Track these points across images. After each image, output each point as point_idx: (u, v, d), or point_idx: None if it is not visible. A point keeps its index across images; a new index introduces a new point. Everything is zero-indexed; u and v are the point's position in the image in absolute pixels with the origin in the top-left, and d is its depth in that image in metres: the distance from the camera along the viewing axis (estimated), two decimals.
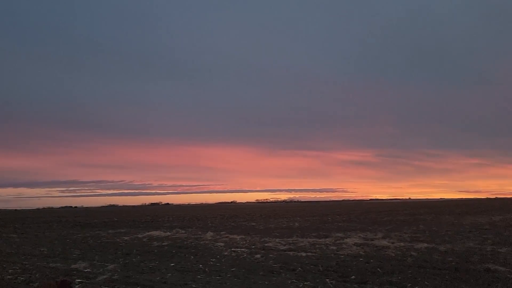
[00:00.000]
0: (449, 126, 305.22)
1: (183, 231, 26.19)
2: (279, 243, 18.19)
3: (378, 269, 11.64)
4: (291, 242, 18.55)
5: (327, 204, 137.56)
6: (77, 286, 10.32)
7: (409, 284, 9.65)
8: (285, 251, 15.89)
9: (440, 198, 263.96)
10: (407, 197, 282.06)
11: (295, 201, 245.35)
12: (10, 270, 13.12)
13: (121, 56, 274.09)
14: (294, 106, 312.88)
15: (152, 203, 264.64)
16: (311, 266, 12.29)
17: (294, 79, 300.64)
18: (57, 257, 15.90)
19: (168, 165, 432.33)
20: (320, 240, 19.20)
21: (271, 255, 14.66)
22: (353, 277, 10.66)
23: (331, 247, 16.55)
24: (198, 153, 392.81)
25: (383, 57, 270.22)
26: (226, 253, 15.39)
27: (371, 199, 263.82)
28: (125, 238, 23.12)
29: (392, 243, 17.41)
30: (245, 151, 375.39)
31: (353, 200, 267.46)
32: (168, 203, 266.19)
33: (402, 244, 17.08)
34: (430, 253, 14.36)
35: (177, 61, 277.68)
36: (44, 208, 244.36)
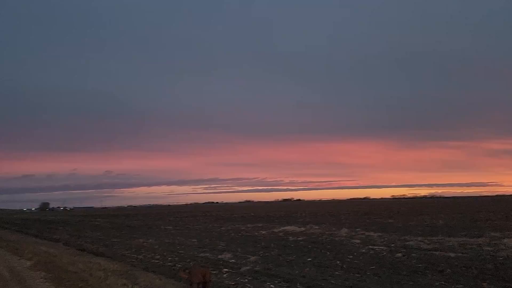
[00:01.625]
0: None
1: (317, 227, 26.26)
2: (422, 241, 16.68)
3: None
4: (435, 241, 16.83)
5: (476, 200, 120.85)
6: (224, 275, 11.24)
7: None
8: (429, 250, 14.49)
9: None
10: None
11: (437, 197, 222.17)
12: (169, 258, 15.08)
13: (249, 61, 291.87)
14: (435, 95, 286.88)
15: (284, 199, 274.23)
16: (462, 268, 10.89)
17: (437, 65, 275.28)
18: (205, 248, 17.65)
19: (299, 161, 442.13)
20: (471, 240, 16.94)
21: (413, 254, 13.54)
22: None
23: (486, 248, 14.42)
24: (329, 149, 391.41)
25: None
26: (363, 251, 14.82)
27: None
28: (263, 232, 24.34)
29: None
30: (378, 145, 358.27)
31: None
32: (299, 199, 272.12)
33: None
34: None
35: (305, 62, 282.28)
36: (191, 204, 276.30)
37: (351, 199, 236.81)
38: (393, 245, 16.15)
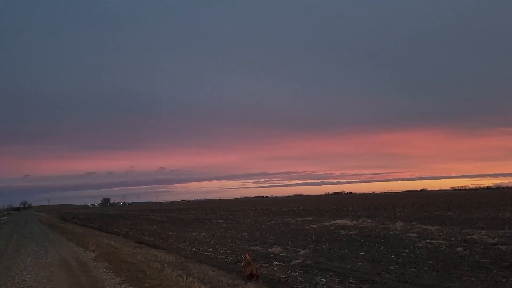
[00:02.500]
0: None
1: (369, 220, 25.54)
2: (486, 235, 15.61)
3: None
4: (502, 235, 15.67)
5: None
6: (275, 268, 11.29)
7: None
8: (495, 244, 13.53)
9: None
10: None
11: (503, 187, 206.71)
12: (221, 251, 15.43)
13: (299, 54, 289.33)
14: (500, 77, 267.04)
15: (335, 193, 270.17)
16: None
17: (501, 44, 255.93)
18: (256, 241, 17.83)
19: (349, 154, 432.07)
20: None
21: (476, 249, 12.72)
22: None
23: None
24: (381, 139, 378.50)
25: None
26: (420, 245, 14.16)
27: None
28: (313, 225, 24.11)
29: None
30: (435, 134, 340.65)
31: None
32: (351, 192, 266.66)
33: None
34: None
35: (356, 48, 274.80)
36: (241, 198, 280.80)
37: (406, 191, 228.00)
38: (453, 239, 15.29)
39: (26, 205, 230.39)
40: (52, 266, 11.81)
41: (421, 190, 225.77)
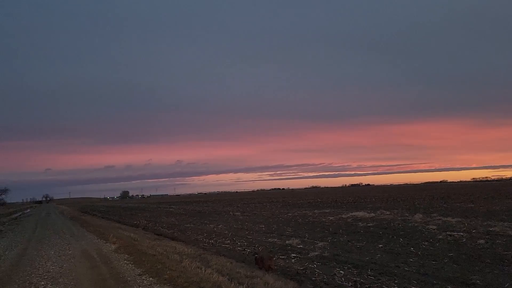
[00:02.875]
0: None
1: (388, 213, 25.26)
2: (509, 227, 15.26)
3: None
4: None
5: None
6: (293, 260, 11.30)
7: None
8: None
9: None
10: None
11: None
12: (239, 243, 15.52)
13: (316, 45, 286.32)
14: None
15: (352, 185, 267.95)
16: None
17: None
18: (273, 233, 17.87)
19: (366, 145, 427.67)
20: None
21: (499, 241, 12.44)
22: None
23: None
24: (399, 130, 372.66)
25: None
26: (440, 237, 13.94)
27: None
28: (330, 218, 23.99)
29: None
30: (454, 124, 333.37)
31: None
32: (368, 184, 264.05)
33: None
34: None
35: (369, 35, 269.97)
36: (257, 190, 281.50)
37: (425, 183, 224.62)
38: (474, 231, 14.99)
39: (48, 198, 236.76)
40: (74, 257, 12.11)
41: (440, 182, 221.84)
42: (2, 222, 40.67)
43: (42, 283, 8.58)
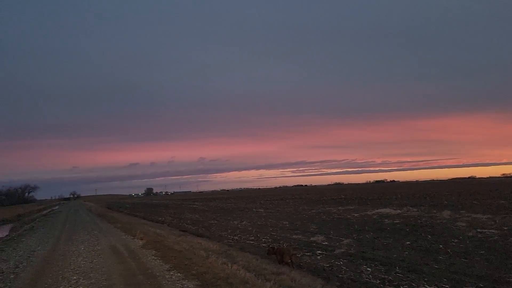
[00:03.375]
0: None
1: (414, 209, 24.74)
2: None
3: None
4: None
5: None
6: (318, 257, 11.24)
7: None
8: None
9: None
10: None
11: None
12: (263, 239, 15.56)
13: (335, 42, 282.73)
14: None
15: (376, 181, 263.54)
16: None
17: None
18: (297, 230, 17.81)
19: (391, 141, 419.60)
20: None
21: None
22: None
23: None
24: (425, 125, 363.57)
25: None
26: (470, 234, 13.55)
27: None
28: (355, 214, 23.71)
29: None
30: (483, 118, 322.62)
31: None
32: (393, 180, 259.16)
33: None
34: None
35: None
36: (280, 187, 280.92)
37: (453, 179, 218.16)
38: (506, 228, 14.50)
39: (75, 195, 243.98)
40: (103, 253, 12.45)
41: (468, 178, 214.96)
42: (33, 219, 42.25)
43: (74, 277, 8.87)
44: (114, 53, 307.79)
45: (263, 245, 14.11)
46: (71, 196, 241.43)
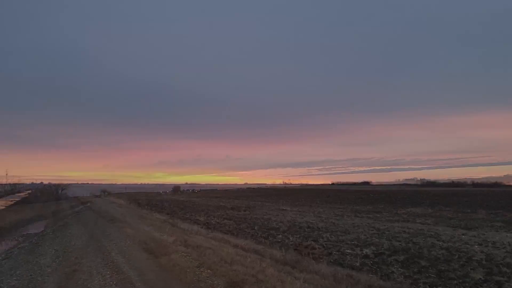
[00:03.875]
0: None
1: (447, 209, 23.93)
2: None
3: None
4: None
5: None
6: (348, 256, 11.04)
7: None
8: None
9: None
10: None
11: None
12: (291, 238, 15.47)
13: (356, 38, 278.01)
14: None
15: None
16: None
17: None
18: (327, 231, 17.59)
19: (422, 138, 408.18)
20: None
21: None
22: None
23: None
24: (458, 122, 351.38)
25: None
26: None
27: None
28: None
29: None
30: None
31: None
32: (424, 179, 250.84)
33: None
34: None
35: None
36: (306, 185, 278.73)
37: (486, 177, 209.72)
38: None
39: (106, 193, 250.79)
40: (134, 249, 12.71)
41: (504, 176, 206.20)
42: (66, 215, 43.71)
43: (108, 272, 9.10)
44: (143, 53, 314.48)
45: (291, 243, 14.04)
46: (102, 193, 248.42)
